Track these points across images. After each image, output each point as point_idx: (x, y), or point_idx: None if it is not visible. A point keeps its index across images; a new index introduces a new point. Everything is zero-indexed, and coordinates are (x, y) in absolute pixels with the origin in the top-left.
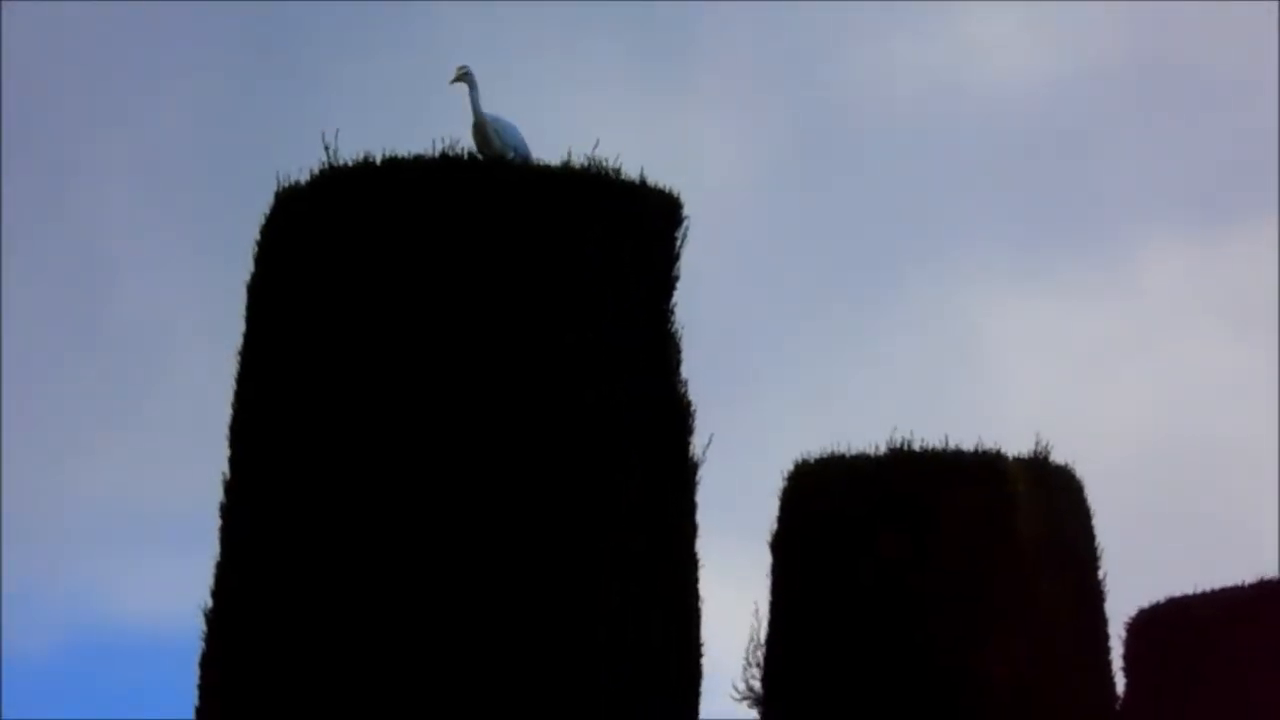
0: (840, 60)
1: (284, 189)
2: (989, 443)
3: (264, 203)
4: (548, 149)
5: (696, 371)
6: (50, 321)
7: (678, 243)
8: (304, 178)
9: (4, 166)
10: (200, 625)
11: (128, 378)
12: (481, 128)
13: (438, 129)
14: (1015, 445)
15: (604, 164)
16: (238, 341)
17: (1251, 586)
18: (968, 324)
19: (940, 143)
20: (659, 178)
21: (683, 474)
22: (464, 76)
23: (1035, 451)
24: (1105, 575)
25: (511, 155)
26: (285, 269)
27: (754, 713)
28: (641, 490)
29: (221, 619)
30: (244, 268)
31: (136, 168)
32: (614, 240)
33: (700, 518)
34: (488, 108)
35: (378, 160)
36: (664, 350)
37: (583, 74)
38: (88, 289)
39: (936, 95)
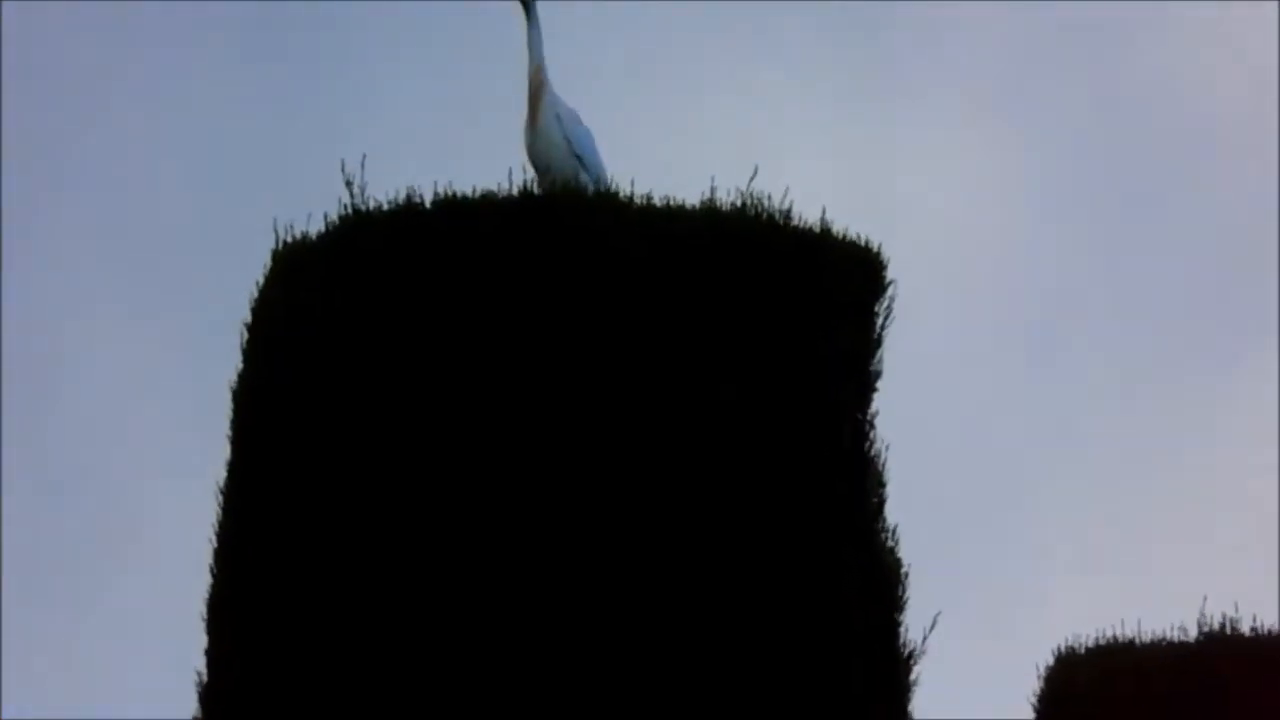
0: (1127, 63)
1: (287, 245)
2: None
3: (253, 266)
4: (684, 175)
5: (902, 511)
6: None
7: (879, 321)
8: (313, 226)
9: None
10: None
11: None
12: (543, 115)
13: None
14: None
15: (765, 202)
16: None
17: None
18: None
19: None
20: (850, 224)
21: (893, 671)
22: None
23: None
24: None
25: (582, 176)
26: (294, 359)
27: None
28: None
29: None
30: (227, 364)
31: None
32: (778, 318)
33: None
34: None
35: (424, 202)
36: (859, 485)
37: (738, 74)
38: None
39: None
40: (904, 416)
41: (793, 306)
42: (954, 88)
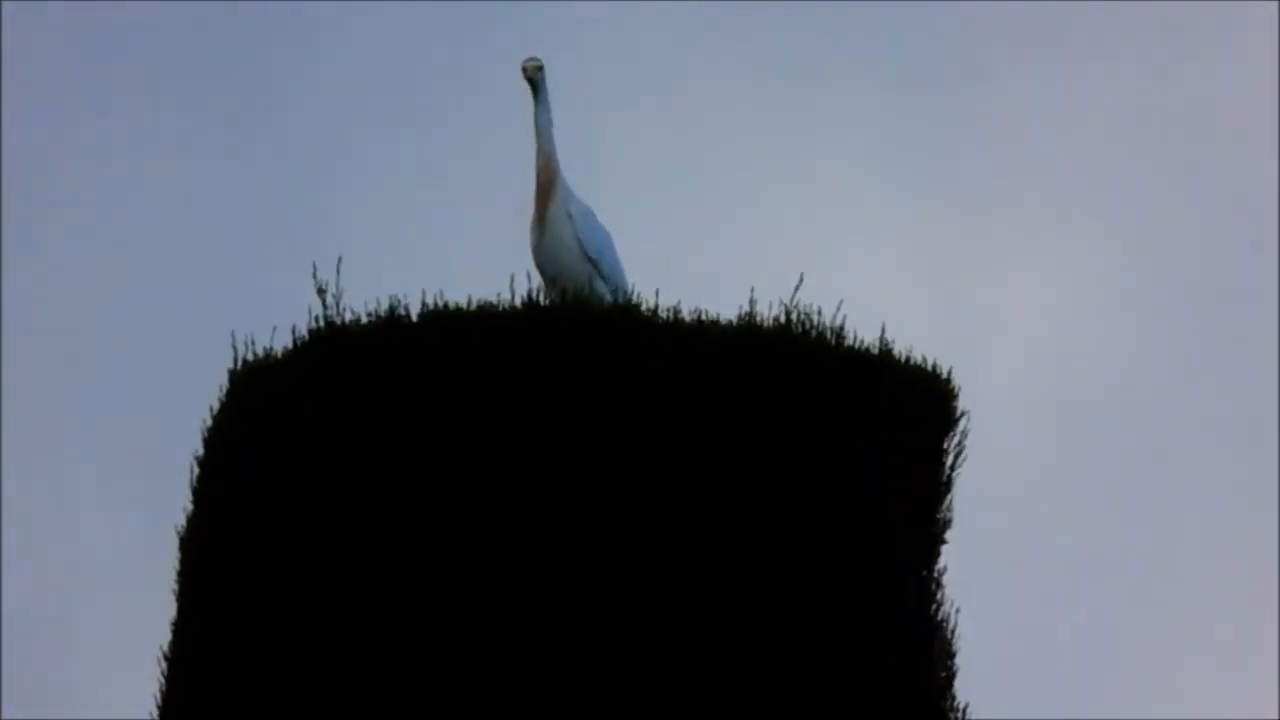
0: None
1: (247, 364)
2: None
3: (206, 390)
4: (719, 285)
5: (975, 688)
6: None
7: (949, 460)
8: (278, 341)
9: None
10: None
11: None
12: (553, 211)
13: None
14: None
15: (814, 317)
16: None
17: None
18: None
19: None
20: (915, 344)
21: None
22: (538, 69)
23: None
24: None
25: (597, 284)
26: (255, 500)
27: None
28: None
29: None
30: (174, 506)
31: None
32: (828, 457)
33: None
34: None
35: (410, 313)
36: (925, 656)
37: (786, 165)
38: None
39: None
40: (978, 574)
41: (846, 443)
42: (1046, 182)
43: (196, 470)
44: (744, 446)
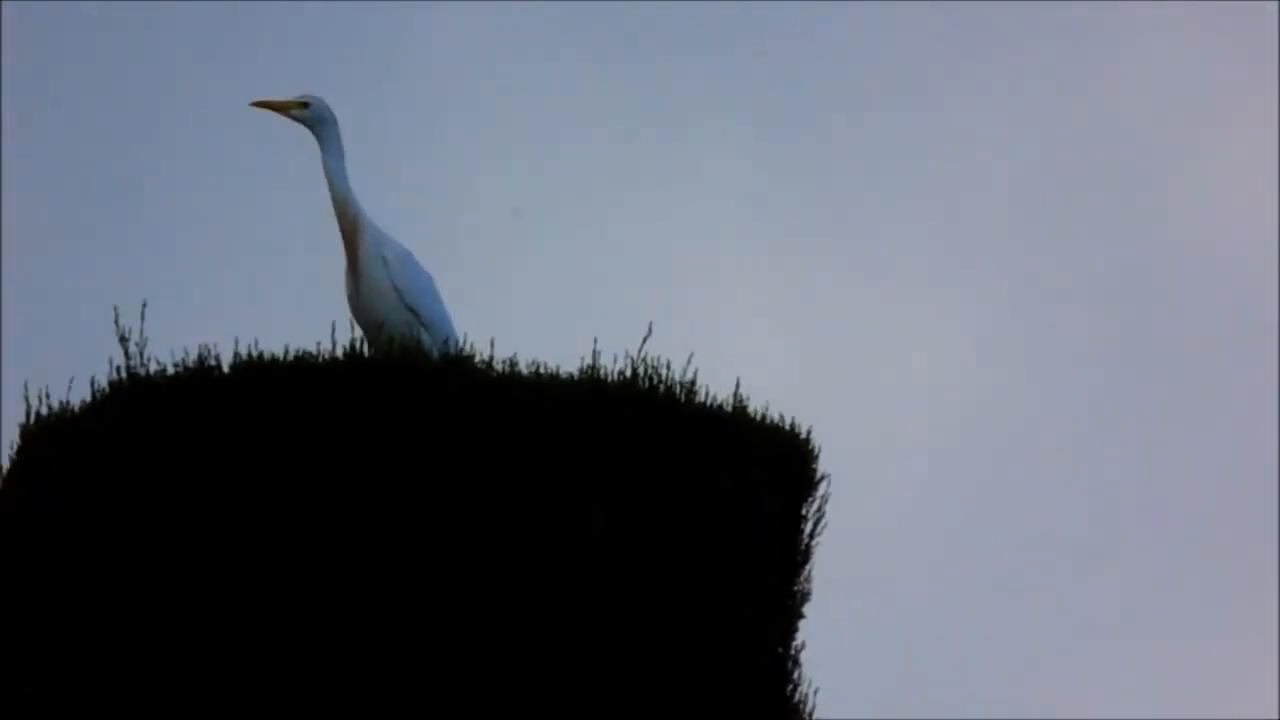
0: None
1: (40, 419)
2: None
3: None
4: (560, 335)
5: None
6: None
7: (807, 528)
8: (75, 395)
9: None
10: None
11: None
12: (364, 258)
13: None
14: None
15: (663, 371)
16: None
17: None
18: None
19: None
20: (772, 401)
21: None
22: (301, 107)
23: None
24: None
25: (421, 335)
26: (49, 569)
27: None
28: None
29: None
30: None
31: None
32: (674, 524)
33: None
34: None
35: (221, 364)
36: None
37: (637, 209)
38: None
39: None
40: (837, 650)
41: (694, 508)
42: (913, 231)
43: None
44: (582, 510)
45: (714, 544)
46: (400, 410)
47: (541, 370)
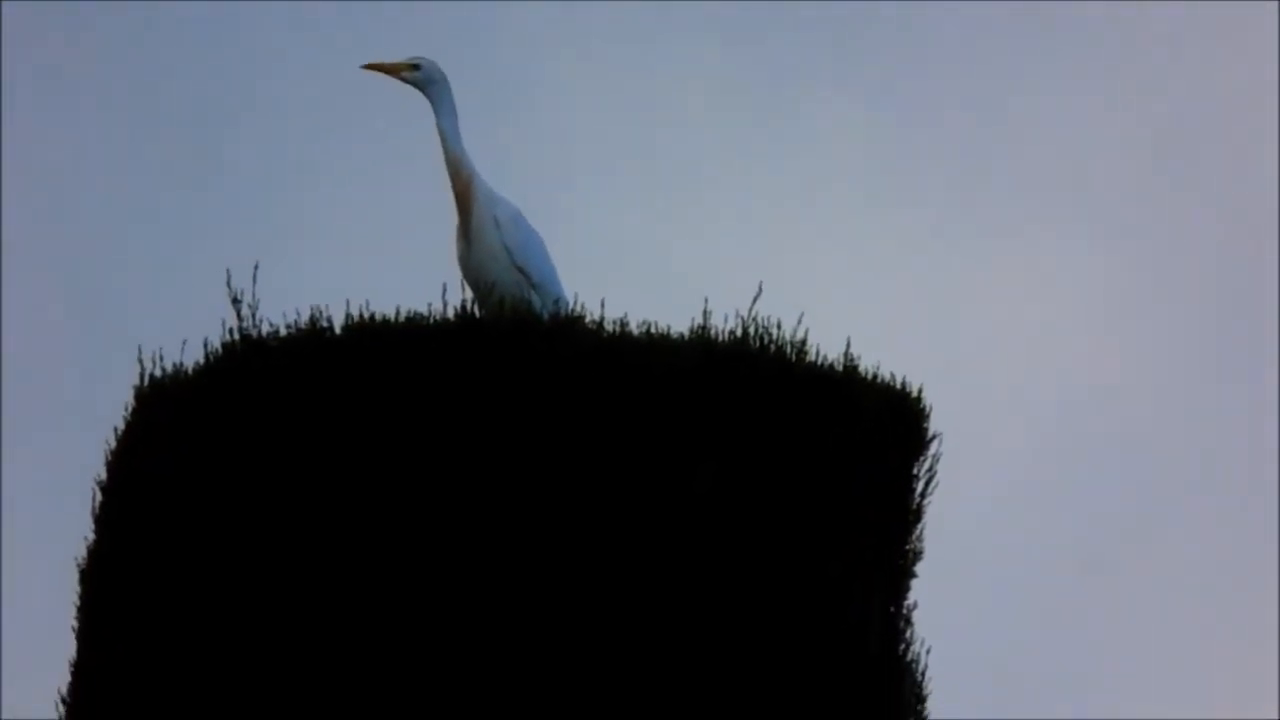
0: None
1: (154, 380)
2: None
3: (109, 409)
4: (671, 295)
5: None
6: None
7: (919, 487)
8: (189, 356)
9: None
10: None
11: None
12: (476, 219)
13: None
14: None
15: (774, 331)
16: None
17: None
18: None
19: None
20: (883, 361)
21: None
22: (412, 69)
23: None
24: None
25: (534, 300)
26: (163, 527)
27: None
28: None
29: None
30: (74, 534)
31: None
32: (785, 483)
33: None
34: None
35: (333, 325)
36: (891, 701)
37: (746, 169)
38: None
39: None
40: (950, 610)
41: (805, 468)
42: (1025, 189)
43: (99, 496)
44: (693, 471)
45: (824, 503)
46: (511, 372)
47: (652, 331)
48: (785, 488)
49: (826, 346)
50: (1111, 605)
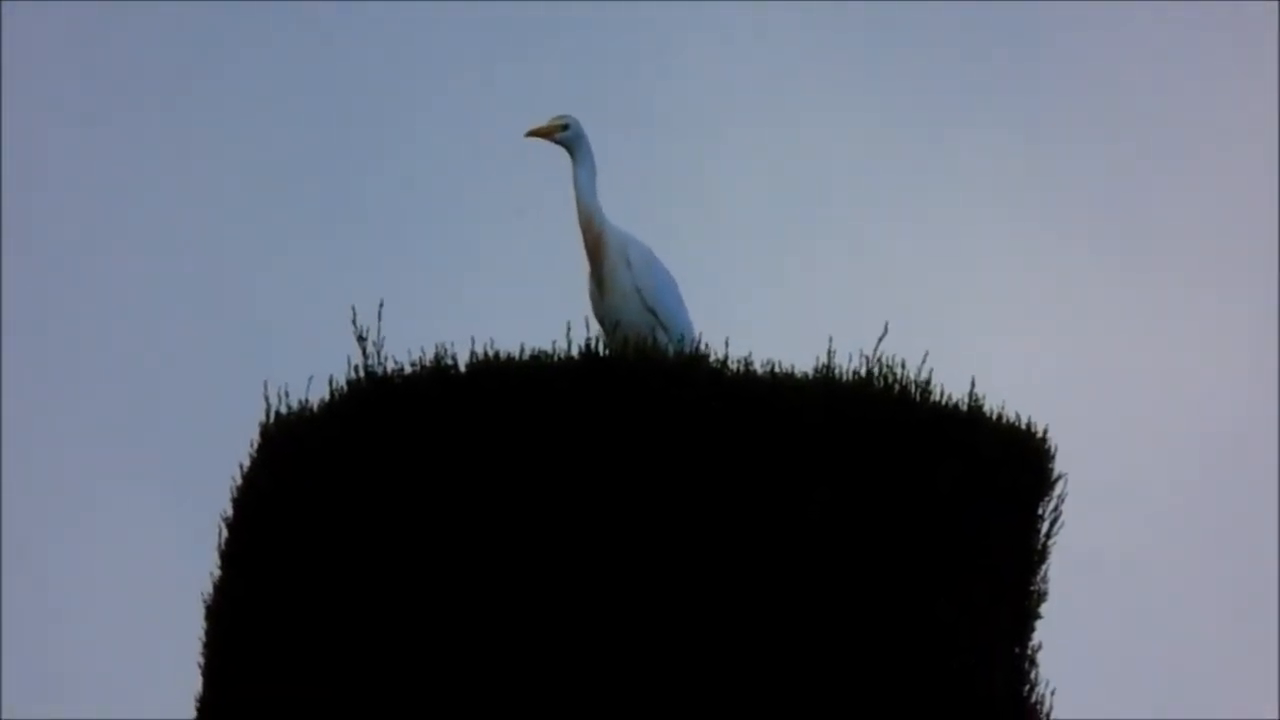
0: None
1: (280, 418)
2: None
3: (235, 446)
4: (795, 334)
5: None
6: None
7: (1044, 526)
8: (314, 394)
9: None
10: None
11: None
12: (608, 261)
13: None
14: None
15: (898, 371)
16: None
17: None
18: None
19: None
20: (1008, 400)
21: None
22: (562, 129)
23: None
24: None
25: (658, 334)
26: (287, 563)
27: None
28: None
29: None
30: (200, 570)
31: None
32: (909, 522)
33: None
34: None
35: (457, 363)
36: None
37: (871, 209)
38: None
39: None
40: (1074, 652)
41: (930, 508)
42: (1159, 229)
43: (224, 533)
44: (816, 510)
45: (949, 543)
46: (635, 410)
47: (776, 370)
48: (912, 528)
49: (951, 385)
50: (1242, 646)
